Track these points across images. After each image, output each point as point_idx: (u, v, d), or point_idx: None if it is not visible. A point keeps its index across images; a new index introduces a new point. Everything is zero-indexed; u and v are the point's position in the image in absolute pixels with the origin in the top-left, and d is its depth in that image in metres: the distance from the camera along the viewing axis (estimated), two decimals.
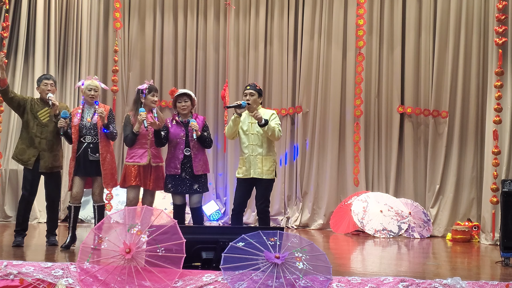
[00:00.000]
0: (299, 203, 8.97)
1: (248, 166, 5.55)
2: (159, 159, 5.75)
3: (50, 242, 5.87)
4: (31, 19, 8.40)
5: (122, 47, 9.17)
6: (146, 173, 5.65)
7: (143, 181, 5.64)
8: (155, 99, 5.76)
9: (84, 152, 5.67)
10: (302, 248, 4.16)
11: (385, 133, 8.86)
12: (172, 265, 4.05)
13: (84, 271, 4.08)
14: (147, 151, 5.66)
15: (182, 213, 5.82)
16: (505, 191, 5.58)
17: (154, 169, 5.68)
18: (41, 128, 5.75)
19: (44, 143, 5.73)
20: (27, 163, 5.75)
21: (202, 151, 5.76)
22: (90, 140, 5.70)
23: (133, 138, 5.63)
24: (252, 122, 5.61)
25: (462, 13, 8.50)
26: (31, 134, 5.74)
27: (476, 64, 8.42)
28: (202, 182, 5.71)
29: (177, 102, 5.77)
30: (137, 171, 5.62)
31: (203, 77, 9.34)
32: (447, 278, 4.16)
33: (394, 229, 7.92)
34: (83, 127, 5.70)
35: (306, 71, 9.04)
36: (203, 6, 9.37)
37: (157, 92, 5.84)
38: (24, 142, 5.78)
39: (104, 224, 4.28)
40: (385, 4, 8.92)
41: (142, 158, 5.64)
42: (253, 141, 5.58)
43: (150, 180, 5.66)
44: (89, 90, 5.76)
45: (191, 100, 5.78)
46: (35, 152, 5.73)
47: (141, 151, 5.66)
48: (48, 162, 5.74)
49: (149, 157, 5.65)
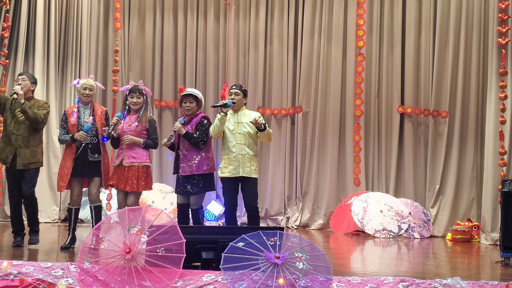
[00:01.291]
0: (299, 203, 8.97)
1: (236, 165, 5.57)
2: (135, 159, 5.63)
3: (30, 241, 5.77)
4: (31, 19, 8.40)
5: (122, 47, 9.17)
6: (119, 173, 5.65)
7: (116, 181, 5.66)
8: (134, 101, 5.69)
9: (83, 153, 5.65)
10: (302, 248, 4.16)
11: (385, 133, 8.86)
12: (172, 265, 4.05)
13: (84, 271, 4.08)
14: (123, 152, 5.67)
15: (184, 212, 5.81)
16: (505, 191, 5.58)
17: (126, 169, 5.61)
18: (17, 125, 5.67)
19: (20, 140, 5.65)
20: (5, 161, 5.71)
21: (195, 152, 5.66)
22: (90, 141, 5.68)
23: (113, 142, 5.74)
24: (238, 122, 5.64)
25: (462, 13, 8.50)
26: (8, 132, 5.69)
27: (476, 64, 8.42)
28: (195, 183, 5.64)
29: (183, 102, 5.76)
30: (114, 171, 5.71)
31: (203, 77, 9.34)
32: (447, 278, 4.16)
33: (394, 229, 7.92)
34: (82, 127, 5.67)
35: (306, 71, 9.04)
36: (203, 6, 9.37)
37: (136, 93, 5.71)
38: (3, 140, 5.76)
39: (104, 224, 4.28)
40: (385, 4, 8.92)
41: (117, 158, 5.71)
42: (240, 141, 5.61)
43: (121, 180, 5.62)
44: (84, 89, 5.74)
45: (197, 101, 5.76)
46: (12, 150, 5.67)
47: (119, 152, 5.74)
48: (24, 159, 5.64)
49: (123, 157, 5.64)
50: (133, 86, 5.75)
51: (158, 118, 9.32)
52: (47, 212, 8.29)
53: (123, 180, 5.61)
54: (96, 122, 5.73)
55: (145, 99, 5.78)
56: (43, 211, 8.20)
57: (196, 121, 5.71)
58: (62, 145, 8.28)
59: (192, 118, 5.74)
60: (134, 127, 5.63)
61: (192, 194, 5.67)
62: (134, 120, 5.67)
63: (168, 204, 8.43)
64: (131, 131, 5.63)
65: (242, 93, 5.74)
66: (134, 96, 5.70)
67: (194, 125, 5.68)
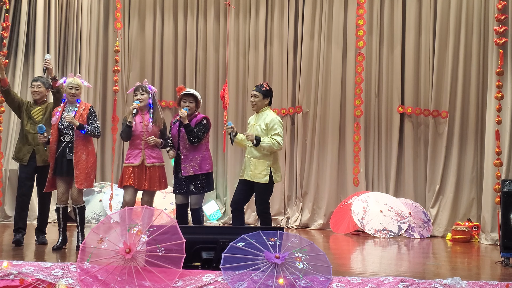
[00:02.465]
0: (299, 203, 8.97)
1: (244, 167, 5.70)
2: (155, 159, 5.73)
3: (39, 241, 5.94)
4: (31, 19, 8.40)
5: (122, 47, 9.17)
6: (140, 174, 5.66)
7: (137, 182, 5.65)
8: (138, 97, 5.74)
9: (62, 152, 5.64)
10: (302, 248, 4.16)
11: (385, 133, 8.86)
12: (172, 265, 4.05)
13: (84, 271, 4.08)
14: (141, 152, 5.68)
15: (183, 212, 5.82)
16: (505, 191, 5.58)
17: (148, 170, 5.67)
18: (34, 126, 5.89)
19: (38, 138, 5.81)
20: (22, 160, 5.92)
21: (197, 152, 5.69)
22: (69, 139, 5.66)
23: (127, 131, 5.66)
24: (255, 124, 5.71)
25: (462, 13, 8.49)
26: (25, 132, 5.93)
27: (476, 64, 8.42)
28: (199, 183, 5.67)
29: (182, 101, 5.77)
30: (131, 172, 5.65)
31: (203, 77, 9.34)
32: (447, 278, 4.16)
33: (394, 229, 7.92)
34: (62, 126, 5.66)
35: (306, 71, 9.04)
36: (203, 6, 9.37)
37: (139, 90, 5.77)
38: (21, 140, 5.99)
39: (104, 224, 4.28)
40: (385, 4, 8.91)
41: (136, 159, 5.67)
42: (250, 143, 5.65)
43: (145, 180, 5.66)
44: (70, 89, 5.73)
45: (196, 101, 5.78)
46: (30, 149, 5.89)
47: (136, 152, 5.70)
48: (44, 156, 5.85)
49: (143, 157, 5.66)
50: (137, 85, 5.85)
51: None
52: None
53: (147, 180, 5.66)
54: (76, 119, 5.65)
55: (152, 97, 5.82)
56: None
57: (196, 120, 5.73)
58: None
59: (192, 118, 5.74)
60: (151, 128, 5.68)
61: (194, 194, 5.68)
62: (147, 119, 5.69)
63: (168, 204, 8.44)
64: (148, 131, 5.68)
65: (262, 94, 5.73)
66: (138, 93, 5.77)
67: (194, 124, 5.69)
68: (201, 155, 5.71)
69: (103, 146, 9.23)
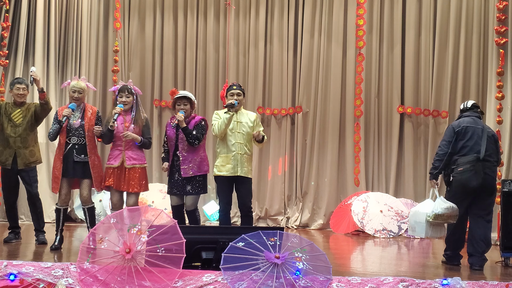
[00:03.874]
0: (299, 203, 8.97)
1: (234, 164, 5.59)
2: (136, 160, 5.66)
3: (39, 240, 5.94)
4: (31, 19, 8.40)
5: (122, 47, 9.18)
6: (119, 175, 5.62)
7: (116, 182, 5.61)
8: (123, 100, 5.66)
9: (69, 153, 5.62)
10: (302, 248, 4.16)
11: (385, 133, 8.87)
12: (172, 265, 4.05)
13: (84, 271, 4.07)
14: (121, 153, 5.64)
15: (180, 213, 5.80)
16: (505, 191, 5.58)
17: (128, 171, 5.61)
18: (14, 128, 5.88)
19: (19, 141, 5.86)
20: (5, 164, 5.91)
21: (195, 153, 5.67)
22: (76, 141, 5.64)
23: (108, 135, 5.63)
24: (238, 121, 5.68)
25: (462, 13, 8.50)
26: (6, 135, 5.89)
27: (476, 64, 8.42)
28: (195, 184, 5.65)
29: (176, 104, 5.74)
30: (111, 173, 5.63)
31: (203, 77, 9.34)
32: (447, 278, 4.16)
33: (394, 229, 7.92)
34: (70, 128, 5.64)
35: (306, 71, 9.04)
36: (203, 6, 9.37)
37: (125, 92, 5.68)
38: (1, 143, 5.93)
39: (104, 224, 4.28)
40: (385, 4, 8.92)
41: (116, 160, 5.64)
42: (239, 140, 5.64)
43: (123, 181, 5.61)
44: (73, 92, 5.70)
45: (190, 103, 5.76)
46: (11, 152, 5.88)
47: (116, 153, 5.67)
48: (25, 159, 5.89)
49: (123, 158, 5.62)
50: (122, 86, 5.74)
51: (158, 118, 9.32)
52: (47, 212, 8.23)
53: (125, 181, 5.61)
54: (85, 124, 5.67)
55: (135, 98, 5.74)
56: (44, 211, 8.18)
57: (194, 122, 5.71)
58: None
59: (190, 120, 5.73)
60: (132, 129, 5.62)
61: (190, 194, 5.67)
62: (129, 120, 5.66)
63: (168, 204, 8.40)
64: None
65: (243, 92, 5.82)
66: (123, 95, 5.67)
67: (193, 126, 5.68)
68: (199, 157, 5.70)
69: (102, 146, 9.21)
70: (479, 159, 5.18)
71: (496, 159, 5.38)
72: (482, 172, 5.17)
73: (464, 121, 5.38)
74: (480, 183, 5.15)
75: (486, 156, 5.22)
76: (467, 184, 5.18)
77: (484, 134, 5.27)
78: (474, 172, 5.15)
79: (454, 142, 5.29)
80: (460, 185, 5.22)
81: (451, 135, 5.32)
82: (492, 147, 5.31)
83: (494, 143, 5.37)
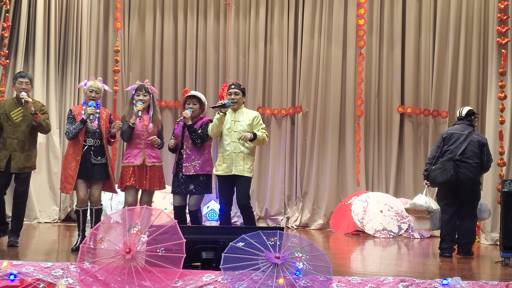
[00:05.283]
0: (299, 203, 8.97)
1: (229, 163, 5.58)
2: (155, 159, 5.73)
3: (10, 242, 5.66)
4: (31, 19, 8.39)
5: (122, 47, 9.18)
6: (141, 173, 5.64)
7: (138, 181, 5.64)
8: (140, 98, 5.69)
9: (87, 155, 5.58)
10: (302, 248, 4.16)
11: (385, 133, 8.87)
12: (172, 265, 4.05)
13: (84, 271, 4.07)
14: (142, 151, 5.67)
15: (182, 215, 5.80)
16: (505, 191, 5.58)
17: (149, 169, 5.67)
18: (13, 129, 5.65)
19: (16, 143, 5.63)
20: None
21: (199, 152, 5.70)
22: (92, 143, 5.62)
23: (129, 132, 5.64)
24: (235, 120, 5.66)
25: (462, 13, 8.50)
26: (4, 135, 5.68)
27: (476, 64, 8.43)
28: (199, 183, 5.66)
29: (186, 103, 5.79)
30: (131, 172, 5.63)
31: (203, 77, 9.34)
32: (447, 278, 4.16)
33: (394, 229, 7.92)
34: (86, 129, 5.60)
35: (306, 71, 9.04)
36: (203, 6, 9.37)
37: (142, 91, 5.73)
38: None
39: (104, 224, 4.28)
40: (385, 4, 8.92)
41: (136, 158, 5.65)
42: (235, 139, 5.61)
43: (145, 180, 5.65)
44: (90, 92, 5.68)
45: (200, 103, 5.80)
46: (7, 154, 5.63)
47: (136, 152, 5.68)
48: (19, 163, 5.64)
49: (143, 157, 5.65)
50: (139, 85, 5.79)
51: None
52: (47, 212, 8.28)
53: (147, 179, 5.66)
54: (101, 125, 5.66)
55: (152, 98, 5.80)
56: (43, 211, 8.20)
57: (201, 122, 5.77)
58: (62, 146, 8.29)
59: (197, 120, 5.77)
60: (151, 128, 5.69)
61: (194, 194, 5.67)
62: (147, 119, 5.69)
63: (168, 204, 8.42)
64: (148, 132, 5.68)
65: (242, 92, 5.77)
66: (141, 94, 5.72)
67: (199, 126, 5.71)
68: (203, 156, 5.72)
69: None
70: (451, 159, 5.91)
71: (478, 161, 5.97)
72: (453, 170, 5.85)
73: (452, 128, 6.17)
74: (448, 180, 5.86)
75: (464, 158, 5.92)
76: (434, 180, 6.00)
77: (467, 139, 5.98)
78: (442, 169, 5.91)
79: (442, 147, 6.10)
80: (431, 181, 6.09)
81: (440, 140, 6.18)
82: (474, 151, 5.95)
83: (478, 148, 5.98)
